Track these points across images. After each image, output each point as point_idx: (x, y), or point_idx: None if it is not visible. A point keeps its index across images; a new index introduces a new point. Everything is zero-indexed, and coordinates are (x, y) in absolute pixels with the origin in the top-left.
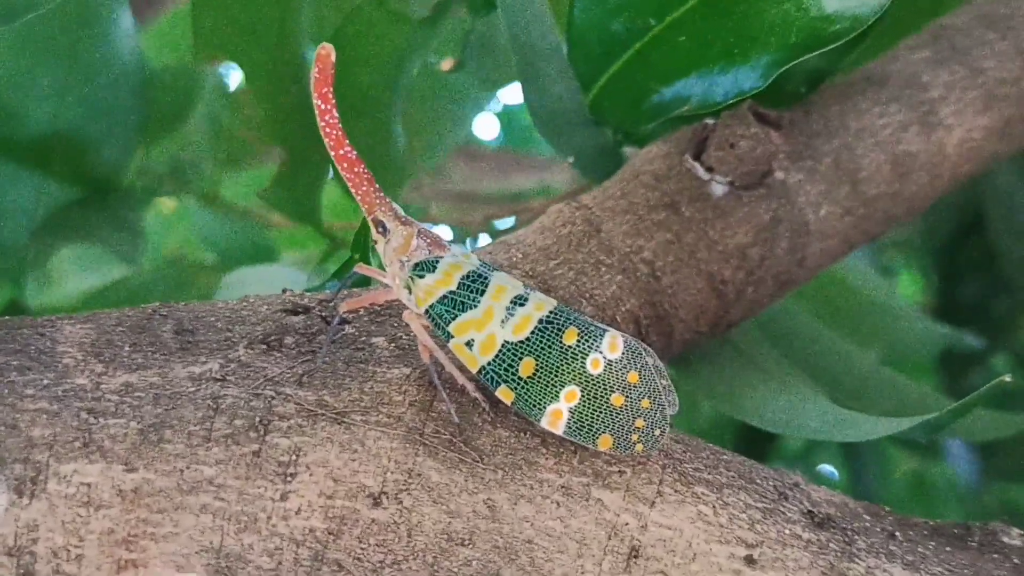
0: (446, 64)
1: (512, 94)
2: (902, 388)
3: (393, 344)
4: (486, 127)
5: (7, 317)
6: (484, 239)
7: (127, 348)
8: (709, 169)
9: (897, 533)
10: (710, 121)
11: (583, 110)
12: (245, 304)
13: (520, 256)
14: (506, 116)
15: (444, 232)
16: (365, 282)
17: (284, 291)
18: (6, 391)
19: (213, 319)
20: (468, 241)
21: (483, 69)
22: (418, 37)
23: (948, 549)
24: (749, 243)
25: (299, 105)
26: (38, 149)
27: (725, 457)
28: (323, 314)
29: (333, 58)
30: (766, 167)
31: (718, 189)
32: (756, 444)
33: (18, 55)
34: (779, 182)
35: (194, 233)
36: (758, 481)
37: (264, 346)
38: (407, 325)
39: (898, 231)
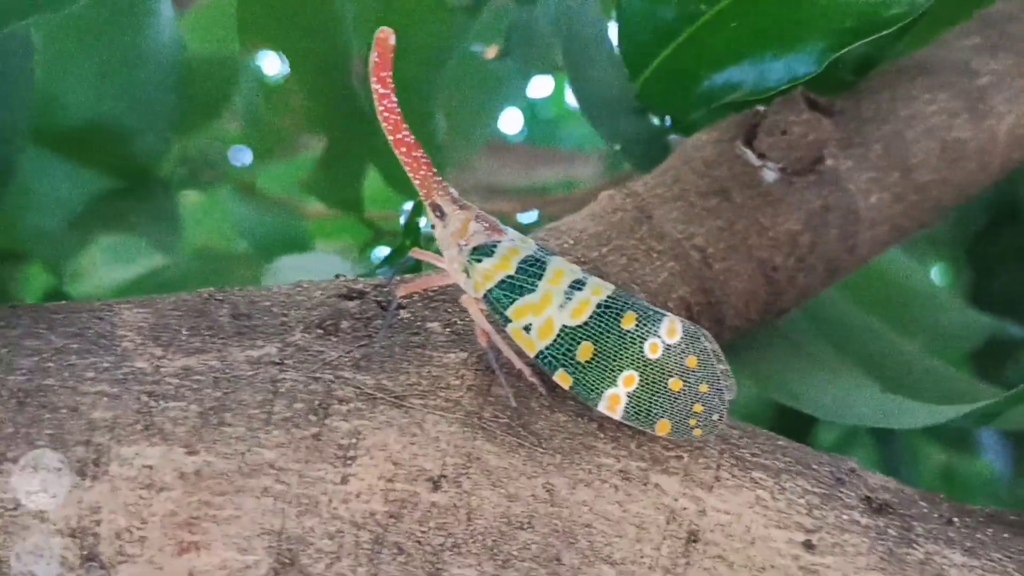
0: (490, 52)
1: (537, 88)
2: (947, 377)
3: (448, 329)
4: (510, 121)
5: (63, 302)
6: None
7: (185, 332)
8: (760, 156)
9: (955, 519)
10: (761, 108)
11: (630, 98)
12: (299, 289)
13: (571, 242)
14: (530, 110)
15: None
16: (416, 268)
17: (337, 276)
18: (67, 374)
19: (268, 304)
20: None
21: (522, 58)
22: (459, 26)
23: (1006, 536)
24: (800, 230)
25: (341, 94)
26: (77, 138)
27: (780, 443)
28: (378, 299)
29: (393, 42)
30: (818, 154)
31: (769, 176)
32: (791, 435)
33: (60, 44)
34: (830, 169)
35: (228, 223)
36: (814, 466)
37: (320, 330)
38: (464, 310)
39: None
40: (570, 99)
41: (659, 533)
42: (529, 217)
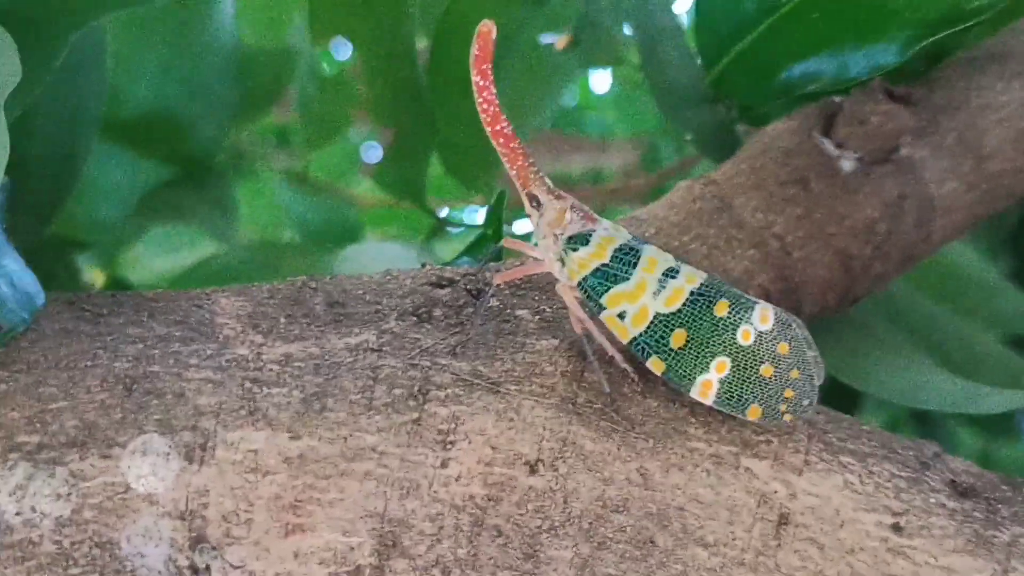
0: (561, 42)
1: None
2: (1011, 361)
3: (538, 316)
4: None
5: (161, 291)
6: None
7: (282, 320)
8: (838, 145)
9: None
10: (836, 98)
11: (703, 87)
12: (390, 278)
13: (653, 231)
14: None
15: None
16: (498, 257)
17: (424, 265)
18: (171, 361)
19: (361, 292)
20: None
21: (588, 48)
22: (526, 16)
23: None
24: (877, 218)
25: (407, 85)
26: (137, 129)
27: (865, 428)
28: (468, 287)
29: (494, 35)
30: (894, 143)
31: (847, 165)
32: None
33: (124, 36)
34: (905, 158)
35: (280, 212)
36: (899, 451)
37: (415, 318)
38: (551, 297)
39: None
40: (595, 87)
41: (751, 516)
42: None
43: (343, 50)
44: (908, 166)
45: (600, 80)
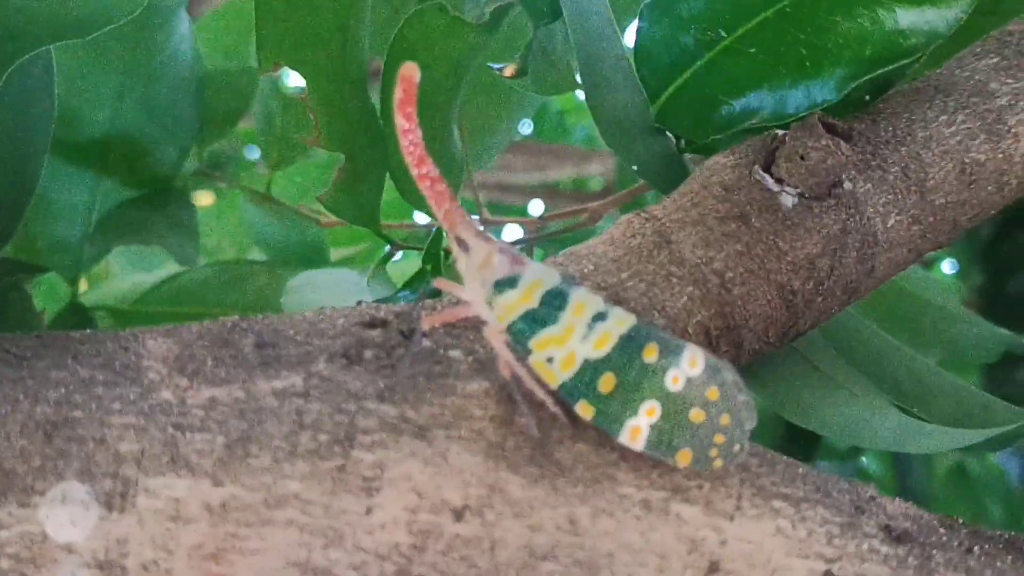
0: (508, 71)
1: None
2: (964, 394)
3: (471, 357)
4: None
5: (88, 331)
6: (514, 230)
7: (210, 362)
8: (779, 180)
9: (975, 548)
10: (778, 132)
11: (648, 119)
12: (322, 317)
13: (592, 268)
14: (539, 109)
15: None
16: (437, 294)
17: (359, 303)
18: (94, 405)
19: (292, 332)
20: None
21: (541, 76)
22: (477, 43)
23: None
24: (819, 253)
25: (359, 112)
26: (96, 150)
27: (800, 470)
28: (401, 328)
29: (417, 79)
30: (836, 178)
31: (788, 200)
32: (803, 441)
33: (80, 59)
34: (848, 192)
35: (243, 230)
36: (834, 494)
37: (344, 360)
38: (487, 340)
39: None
40: (578, 92)
41: (680, 563)
42: (536, 208)
43: (295, 78)
44: (850, 200)
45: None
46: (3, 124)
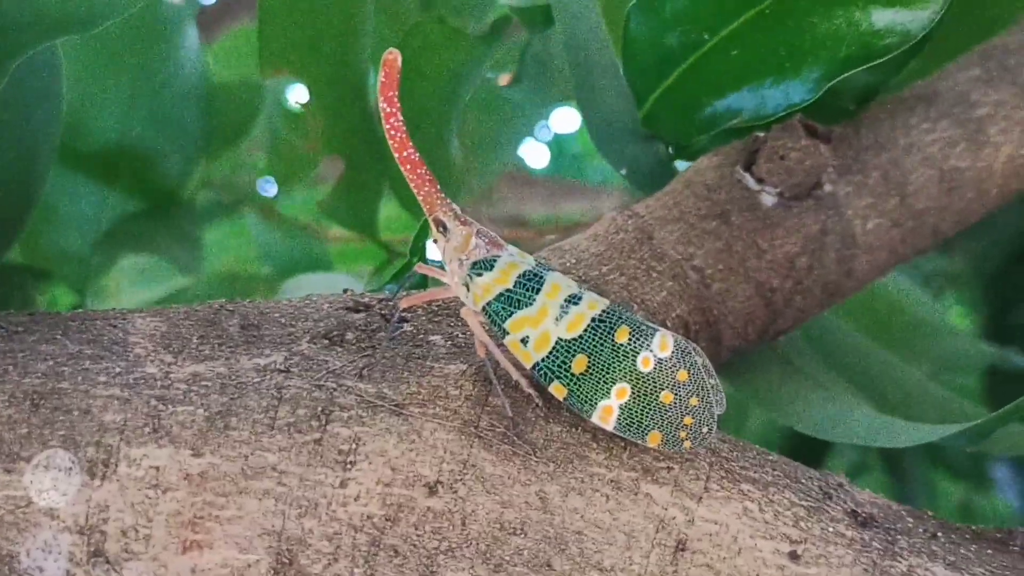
0: (504, 79)
1: (563, 123)
2: (947, 402)
3: (450, 342)
4: (536, 156)
5: (79, 311)
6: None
7: (195, 340)
8: (759, 180)
9: (939, 534)
10: (760, 134)
11: (637, 124)
12: (308, 302)
13: (574, 261)
14: (556, 145)
15: None
16: (423, 284)
17: (345, 291)
18: (80, 378)
19: (277, 315)
20: None
21: (538, 86)
22: (475, 53)
23: (989, 552)
24: (798, 252)
25: (359, 119)
26: (103, 161)
27: (771, 457)
28: (383, 312)
29: (399, 63)
30: (815, 179)
31: (768, 200)
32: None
33: (89, 70)
34: (828, 194)
35: (251, 247)
36: (803, 481)
37: (326, 341)
38: (465, 323)
39: (948, 262)
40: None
41: (648, 541)
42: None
43: (299, 92)
44: (830, 202)
45: (569, 121)
46: (9, 122)
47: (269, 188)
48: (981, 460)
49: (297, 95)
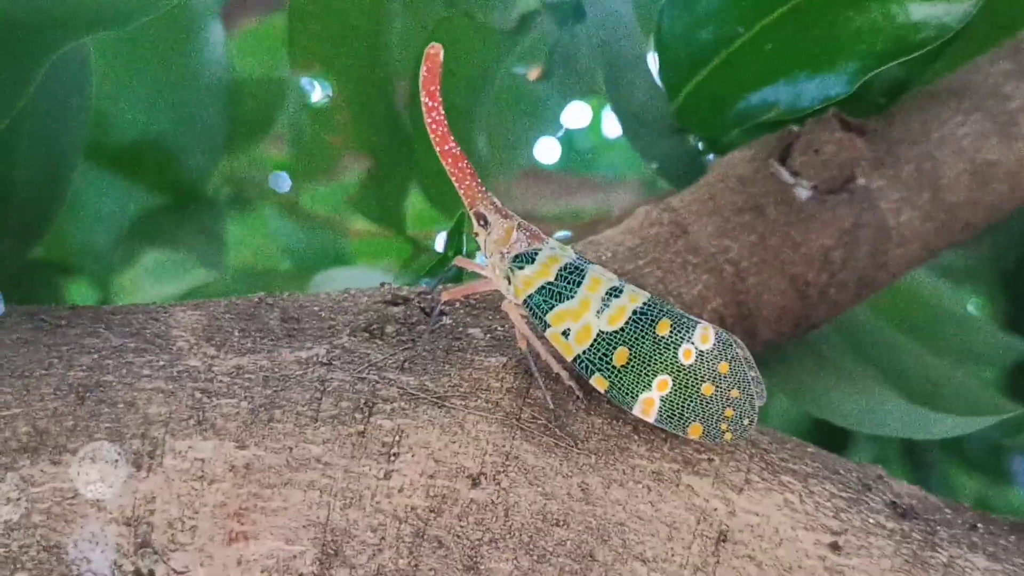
0: (533, 73)
1: (573, 116)
2: (975, 394)
3: (489, 335)
4: (548, 152)
5: (119, 304)
6: None
7: (236, 333)
8: (794, 173)
9: (979, 525)
10: (794, 128)
11: (668, 118)
12: (346, 296)
13: (609, 255)
14: (567, 140)
15: None
16: (458, 278)
17: (382, 284)
18: (124, 371)
19: (316, 308)
20: None
21: (564, 80)
22: (503, 48)
23: None
24: (832, 246)
25: (386, 114)
26: (127, 156)
27: (809, 449)
28: (422, 305)
29: (441, 58)
30: (850, 172)
31: (802, 193)
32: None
33: (115, 64)
34: (862, 187)
35: (272, 242)
36: (842, 472)
37: (366, 334)
38: (503, 317)
39: (966, 259)
40: (607, 130)
41: (690, 532)
42: (562, 235)
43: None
44: (864, 195)
45: (612, 125)
46: (40, 119)
47: (282, 183)
48: (999, 453)
49: (319, 91)
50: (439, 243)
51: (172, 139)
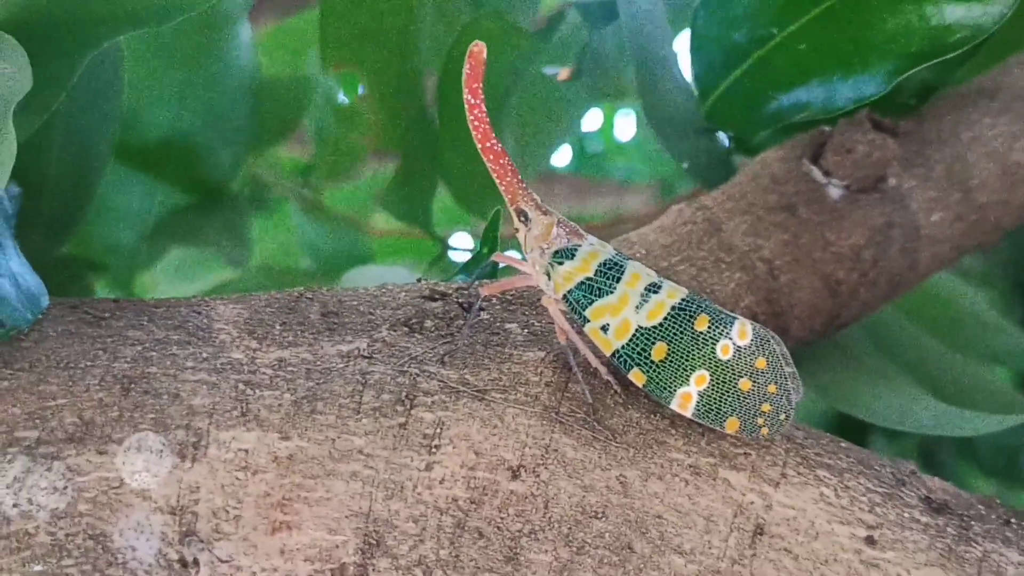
0: (563, 74)
1: (586, 122)
2: (999, 391)
3: (526, 330)
4: (559, 154)
5: (162, 298)
6: None
7: (278, 327)
8: (826, 173)
9: (1012, 521)
10: (827, 128)
11: (698, 118)
12: (385, 291)
13: (643, 252)
14: (579, 144)
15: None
16: (493, 274)
17: (419, 279)
18: (168, 363)
19: (356, 303)
20: None
21: (593, 81)
22: (532, 49)
23: None
24: (863, 245)
25: (415, 113)
26: (154, 154)
27: (843, 445)
28: (460, 300)
29: (484, 55)
30: (882, 172)
31: (834, 192)
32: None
33: (144, 64)
34: (893, 187)
35: (295, 240)
36: (876, 467)
37: (406, 328)
38: (540, 312)
39: (984, 260)
40: (618, 133)
41: (727, 525)
42: None
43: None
44: (895, 195)
45: (624, 128)
46: (73, 117)
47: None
48: (1014, 455)
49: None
50: (457, 241)
51: (198, 138)
